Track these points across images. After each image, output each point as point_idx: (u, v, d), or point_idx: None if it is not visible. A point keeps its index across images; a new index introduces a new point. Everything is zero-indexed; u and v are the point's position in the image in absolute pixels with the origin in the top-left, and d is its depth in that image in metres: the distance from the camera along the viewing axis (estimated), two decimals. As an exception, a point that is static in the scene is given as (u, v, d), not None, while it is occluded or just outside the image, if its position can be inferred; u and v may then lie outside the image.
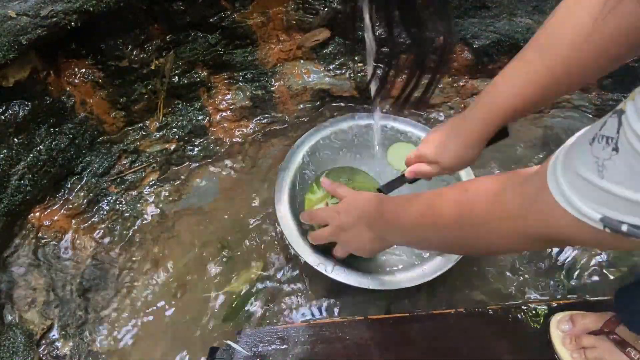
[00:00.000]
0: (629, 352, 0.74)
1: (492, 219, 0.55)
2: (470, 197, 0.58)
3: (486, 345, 0.84)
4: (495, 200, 0.55)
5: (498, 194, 0.55)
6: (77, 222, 1.04)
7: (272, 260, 1.02)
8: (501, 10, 1.13)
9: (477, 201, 0.57)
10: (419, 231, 0.70)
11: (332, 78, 1.22)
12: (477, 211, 0.57)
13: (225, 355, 0.83)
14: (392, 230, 0.76)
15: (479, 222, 0.57)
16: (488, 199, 0.56)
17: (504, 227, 0.54)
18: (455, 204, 0.60)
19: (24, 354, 0.84)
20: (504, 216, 0.53)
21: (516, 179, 0.53)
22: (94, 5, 0.88)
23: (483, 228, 0.57)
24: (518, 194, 0.51)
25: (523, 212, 0.50)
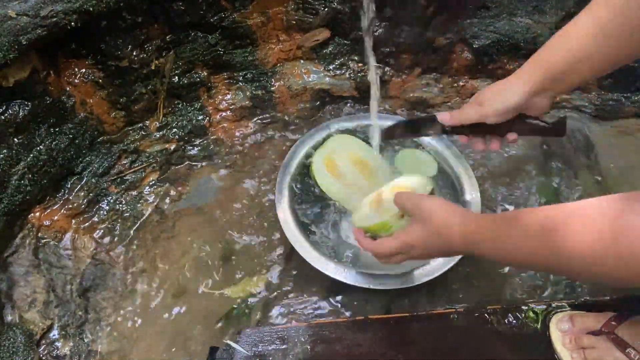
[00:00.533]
0: (629, 353, 0.74)
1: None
2: (627, 235, 0.47)
3: (486, 345, 0.84)
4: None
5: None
6: (77, 222, 1.04)
7: (272, 260, 1.02)
8: (501, 10, 1.13)
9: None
10: (529, 266, 0.64)
11: (332, 78, 1.22)
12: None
13: (225, 355, 0.83)
14: (485, 253, 0.63)
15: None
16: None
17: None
18: (597, 240, 0.49)
19: (24, 354, 0.84)
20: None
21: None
22: (94, 5, 0.88)
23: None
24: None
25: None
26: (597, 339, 0.78)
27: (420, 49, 1.19)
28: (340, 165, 1.04)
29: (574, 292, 0.97)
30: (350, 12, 1.12)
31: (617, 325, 0.77)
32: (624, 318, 0.78)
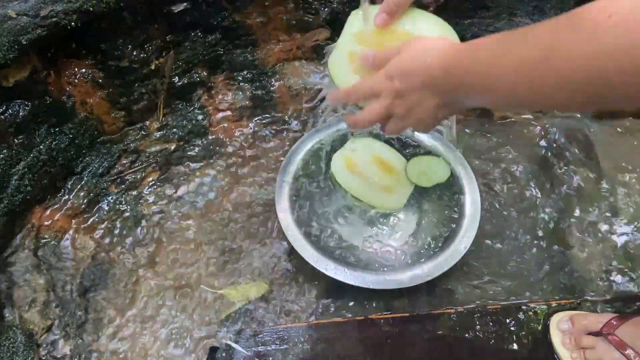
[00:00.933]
0: (629, 354, 0.74)
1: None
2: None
3: (486, 345, 0.84)
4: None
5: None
6: (77, 222, 1.04)
7: (272, 260, 1.02)
8: (501, 10, 1.13)
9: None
10: (530, 86, 0.47)
11: (332, 78, 1.22)
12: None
13: (225, 355, 0.83)
14: (476, 89, 0.54)
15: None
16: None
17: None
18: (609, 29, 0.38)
19: (24, 354, 0.84)
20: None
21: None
22: (94, 5, 0.88)
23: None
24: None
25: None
26: (597, 340, 0.78)
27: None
28: (360, 164, 1.05)
29: (574, 292, 0.97)
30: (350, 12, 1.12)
31: (617, 325, 0.77)
32: (624, 319, 0.78)
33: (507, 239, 1.05)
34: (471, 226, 0.96)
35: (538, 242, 1.04)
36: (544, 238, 1.04)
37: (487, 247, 1.04)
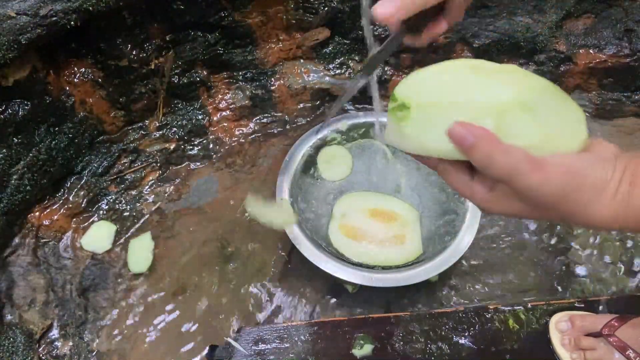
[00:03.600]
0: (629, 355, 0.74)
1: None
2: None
3: (486, 345, 0.84)
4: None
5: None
6: (76, 222, 1.04)
7: (272, 259, 1.02)
8: (501, 10, 1.13)
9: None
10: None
11: (332, 77, 1.22)
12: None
13: (225, 353, 0.83)
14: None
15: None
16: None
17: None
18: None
19: (23, 354, 0.84)
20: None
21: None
22: (93, 4, 0.88)
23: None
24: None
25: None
26: (596, 341, 0.78)
27: (420, 48, 1.18)
28: (358, 226, 0.98)
29: (574, 292, 0.97)
30: (350, 12, 1.12)
31: (618, 327, 0.77)
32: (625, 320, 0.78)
33: (507, 239, 1.05)
34: (471, 225, 0.96)
35: (538, 242, 1.04)
36: (544, 238, 1.04)
37: (487, 246, 1.04)
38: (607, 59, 1.14)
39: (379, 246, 0.96)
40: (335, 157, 1.09)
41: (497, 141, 0.37)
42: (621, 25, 1.13)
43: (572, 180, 0.36)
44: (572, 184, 0.36)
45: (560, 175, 0.36)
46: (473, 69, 0.42)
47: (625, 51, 1.13)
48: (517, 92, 0.39)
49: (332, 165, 1.08)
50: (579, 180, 0.37)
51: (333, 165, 1.07)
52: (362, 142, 1.13)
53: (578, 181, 0.36)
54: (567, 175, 0.36)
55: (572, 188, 0.37)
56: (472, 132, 0.38)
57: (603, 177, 0.37)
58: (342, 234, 0.97)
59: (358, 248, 0.95)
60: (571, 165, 0.37)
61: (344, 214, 1.00)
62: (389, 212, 1.00)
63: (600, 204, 0.37)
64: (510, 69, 0.42)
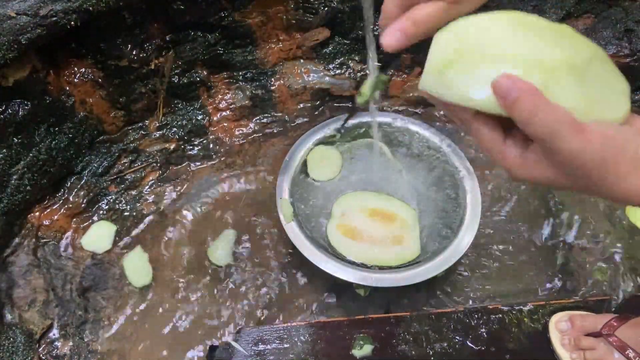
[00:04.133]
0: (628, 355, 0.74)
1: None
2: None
3: (486, 345, 0.84)
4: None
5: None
6: (76, 222, 1.04)
7: (272, 259, 1.02)
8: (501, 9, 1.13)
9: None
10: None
11: (332, 77, 1.22)
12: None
13: (225, 354, 0.83)
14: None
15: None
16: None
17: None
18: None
19: (23, 354, 0.84)
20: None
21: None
22: (93, 4, 0.88)
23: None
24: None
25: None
26: (596, 341, 0.78)
27: (420, 49, 1.18)
28: (357, 226, 0.98)
29: (574, 292, 0.97)
30: (350, 12, 1.12)
31: (617, 326, 0.77)
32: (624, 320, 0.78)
33: (507, 239, 1.05)
34: (471, 225, 0.96)
35: (538, 241, 1.04)
36: (544, 238, 1.04)
37: (487, 246, 1.04)
38: (607, 59, 1.14)
39: (377, 246, 0.95)
40: (324, 157, 1.09)
41: (542, 98, 0.36)
42: (621, 25, 1.13)
43: (613, 150, 0.36)
44: (612, 153, 0.36)
45: (601, 142, 0.35)
46: (523, 25, 0.42)
47: (625, 51, 1.13)
48: (567, 53, 0.38)
49: (321, 165, 1.07)
50: (619, 151, 0.36)
51: (321, 166, 1.07)
52: (362, 142, 1.13)
53: (618, 152, 0.36)
54: (608, 144, 0.36)
55: (611, 157, 0.36)
56: (518, 86, 0.36)
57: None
58: (340, 233, 0.97)
59: (356, 247, 0.95)
60: (613, 135, 0.36)
61: (343, 213, 1.00)
62: (389, 213, 1.00)
63: (635, 178, 0.36)
64: (564, 30, 0.42)
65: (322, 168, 1.07)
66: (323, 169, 1.07)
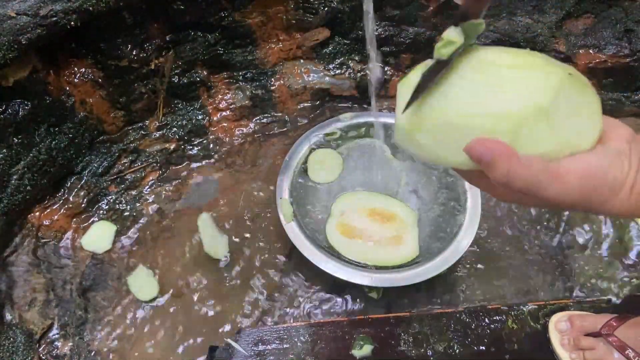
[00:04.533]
0: (628, 354, 0.74)
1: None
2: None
3: (486, 345, 0.84)
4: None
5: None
6: (77, 222, 1.04)
7: (272, 259, 1.02)
8: (501, 10, 1.13)
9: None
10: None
11: (332, 77, 1.22)
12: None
13: (225, 354, 0.83)
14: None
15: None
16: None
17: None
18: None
19: (23, 354, 0.84)
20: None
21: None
22: (93, 4, 0.88)
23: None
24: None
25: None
26: (595, 341, 0.78)
27: (420, 49, 1.18)
28: (356, 225, 0.98)
29: (573, 292, 0.97)
30: (350, 12, 1.12)
31: (617, 326, 0.77)
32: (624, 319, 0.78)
33: (507, 239, 1.05)
34: (471, 225, 0.96)
35: (538, 241, 1.04)
36: (543, 238, 1.05)
37: (487, 246, 1.04)
38: (607, 59, 1.14)
39: (376, 246, 0.95)
40: (325, 160, 1.09)
41: (515, 157, 0.37)
42: (621, 25, 1.13)
43: (590, 183, 0.38)
44: (589, 187, 0.38)
45: (578, 181, 0.38)
46: (486, 73, 0.40)
47: (625, 51, 1.13)
48: (534, 98, 0.38)
49: (321, 168, 1.07)
50: (597, 182, 0.38)
51: (322, 169, 1.07)
52: (362, 142, 1.13)
53: (595, 183, 0.38)
54: (584, 179, 0.38)
55: (590, 190, 0.38)
56: (491, 149, 0.38)
57: (619, 175, 0.38)
58: (339, 232, 0.97)
59: (354, 246, 0.95)
60: (588, 169, 0.38)
61: (343, 212, 1.00)
62: (388, 213, 1.00)
63: (618, 199, 0.38)
64: (529, 63, 0.40)
65: (322, 171, 1.07)
66: (323, 172, 1.07)
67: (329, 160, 1.09)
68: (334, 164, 1.09)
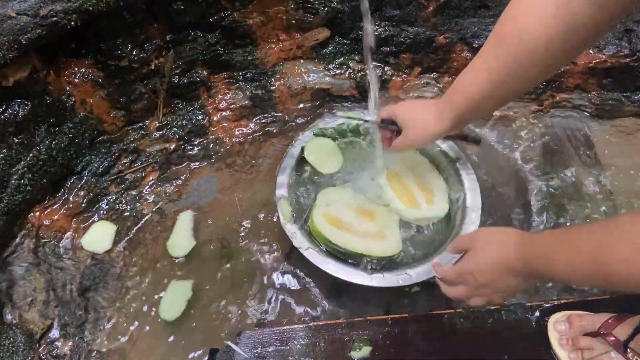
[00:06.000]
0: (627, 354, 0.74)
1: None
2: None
3: (485, 345, 0.84)
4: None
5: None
6: (77, 222, 1.04)
7: (272, 259, 1.02)
8: (501, 10, 1.12)
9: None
10: (581, 280, 0.65)
11: (331, 77, 1.22)
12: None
13: (225, 357, 0.83)
14: (543, 272, 0.66)
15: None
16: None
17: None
18: (632, 265, 0.51)
19: (23, 354, 0.84)
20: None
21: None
22: (93, 4, 0.88)
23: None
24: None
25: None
26: (594, 340, 0.78)
27: (420, 49, 1.19)
28: (342, 217, 0.98)
29: (572, 291, 0.97)
30: (350, 12, 1.12)
31: (615, 326, 0.77)
32: (622, 319, 0.78)
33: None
34: (471, 225, 0.96)
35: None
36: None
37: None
38: (607, 59, 1.14)
39: (361, 238, 0.96)
40: (324, 149, 1.09)
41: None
42: (621, 25, 1.13)
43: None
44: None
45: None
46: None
47: (625, 51, 1.13)
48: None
49: (324, 158, 1.08)
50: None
51: (324, 158, 1.08)
52: (354, 140, 1.13)
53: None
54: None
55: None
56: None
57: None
58: (325, 221, 0.97)
59: (343, 236, 0.95)
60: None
61: (328, 204, 1.00)
62: (372, 212, 1.01)
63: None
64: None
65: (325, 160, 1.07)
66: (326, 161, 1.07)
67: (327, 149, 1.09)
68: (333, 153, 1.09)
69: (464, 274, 0.73)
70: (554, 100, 1.22)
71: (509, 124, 1.22)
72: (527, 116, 1.23)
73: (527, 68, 0.67)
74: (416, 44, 1.18)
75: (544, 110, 1.24)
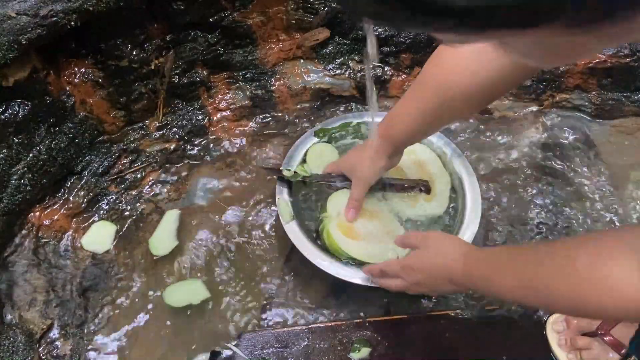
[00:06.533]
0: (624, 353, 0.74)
1: (613, 312, 0.53)
2: (585, 288, 0.53)
3: (484, 346, 0.84)
4: (617, 297, 0.50)
5: (619, 288, 0.50)
6: (77, 222, 1.04)
7: (272, 259, 1.02)
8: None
9: (594, 294, 0.52)
10: (523, 305, 0.75)
11: (332, 78, 1.22)
12: (593, 305, 0.53)
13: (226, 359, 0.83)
14: (482, 290, 0.73)
15: (595, 310, 0.55)
16: (606, 293, 0.51)
17: (632, 314, 0.53)
18: (566, 291, 0.55)
19: (23, 354, 0.84)
20: (631, 309, 0.50)
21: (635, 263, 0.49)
22: (93, 4, 0.88)
23: (601, 314, 0.58)
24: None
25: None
26: (592, 340, 0.78)
27: (420, 49, 1.19)
28: (355, 224, 0.97)
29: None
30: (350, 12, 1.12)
31: (613, 325, 0.77)
32: (621, 319, 0.78)
33: (507, 239, 1.05)
34: (471, 226, 0.96)
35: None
36: (543, 237, 1.05)
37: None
38: (607, 59, 1.14)
39: (379, 242, 0.94)
40: (324, 154, 1.08)
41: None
42: (621, 26, 1.13)
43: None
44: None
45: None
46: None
47: (625, 51, 1.13)
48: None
49: (321, 162, 1.07)
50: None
51: (322, 163, 1.07)
52: (353, 141, 1.13)
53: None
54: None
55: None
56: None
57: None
58: (341, 233, 0.95)
59: (360, 248, 0.93)
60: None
61: (339, 212, 0.98)
62: (374, 211, 1.00)
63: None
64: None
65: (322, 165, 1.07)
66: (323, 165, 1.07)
67: (328, 154, 1.09)
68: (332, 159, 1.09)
69: (407, 269, 0.77)
70: (554, 100, 1.22)
71: (508, 124, 1.22)
72: (527, 116, 1.23)
73: (452, 111, 0.77)
74: (416, 44, 1.18)
75: (544, 110, 1.24)
